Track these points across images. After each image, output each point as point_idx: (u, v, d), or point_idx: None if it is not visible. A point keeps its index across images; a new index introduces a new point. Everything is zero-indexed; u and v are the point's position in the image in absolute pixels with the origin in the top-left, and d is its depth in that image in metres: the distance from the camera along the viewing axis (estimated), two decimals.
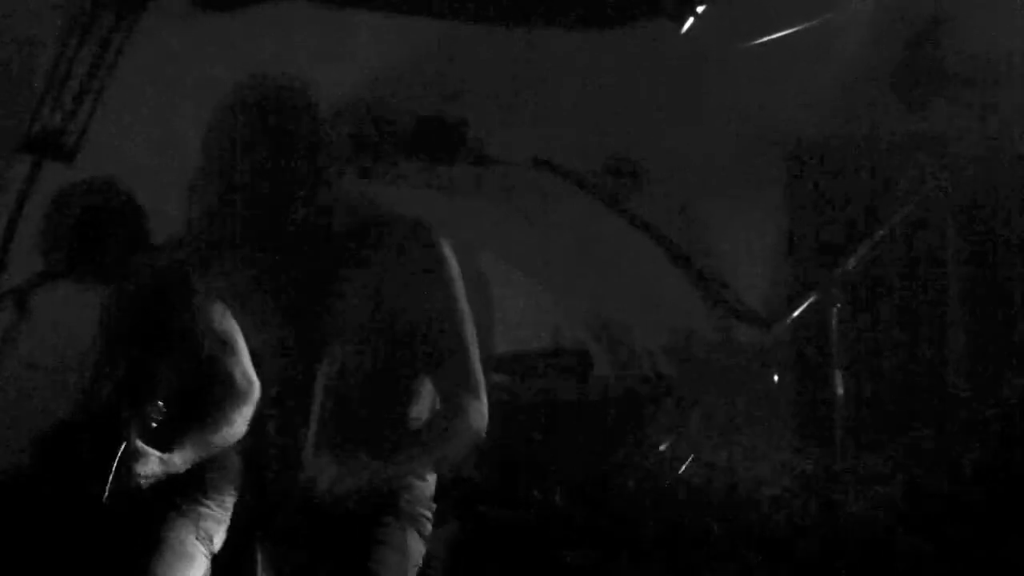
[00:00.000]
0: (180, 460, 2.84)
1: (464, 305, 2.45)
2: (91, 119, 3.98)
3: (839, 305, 3.80)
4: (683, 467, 3.99)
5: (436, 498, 2.58)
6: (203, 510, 2.94)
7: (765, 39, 4.51)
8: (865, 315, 4.62)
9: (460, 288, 2.46)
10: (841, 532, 3.47)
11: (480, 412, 2.39)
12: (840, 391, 3.68)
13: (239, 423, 2.92)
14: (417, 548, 2.49)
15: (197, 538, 2.90)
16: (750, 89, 4.67)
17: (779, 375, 4.23)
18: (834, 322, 3.79)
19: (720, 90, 4.68)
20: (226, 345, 2.95)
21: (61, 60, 3.91)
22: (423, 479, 2.51)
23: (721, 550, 3.62)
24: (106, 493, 2.75)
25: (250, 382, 2.94)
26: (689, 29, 4.44)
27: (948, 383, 4.64)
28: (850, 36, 4.61)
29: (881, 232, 3.97)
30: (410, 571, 2.47)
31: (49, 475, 3.35)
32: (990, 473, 3.60)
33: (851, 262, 3.87)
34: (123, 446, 2.77)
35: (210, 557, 2.93)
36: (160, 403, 2.83)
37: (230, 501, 3.00)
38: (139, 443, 2.78)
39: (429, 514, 2.53)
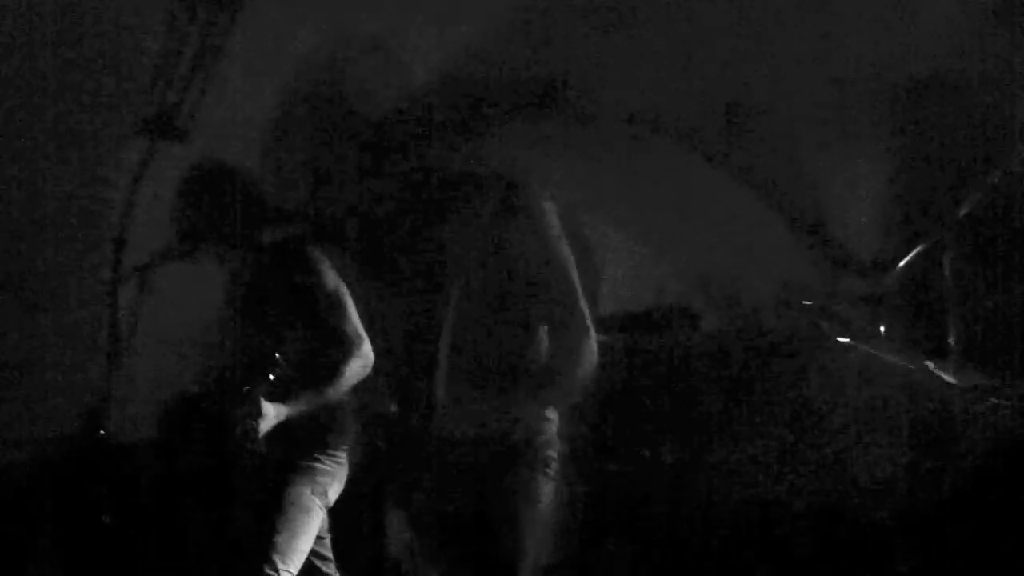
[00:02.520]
0: (295, 412, 2.96)
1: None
2: (202, 99, 4.10)
3: (952, 253, 3.71)
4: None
5: None
6: (318, 466, 3.04)
7: None
8: (979, 262, 4.48)
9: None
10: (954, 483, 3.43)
11: (592, 348, 2.65)
12: (953, 340, 3.61)
13: (349, 377, 3.04)
14: (547, 489, 2.67)
15: (313, 492, 3.00)
16: (854, 28, 4.56)
17: (889, 325, 4.16)
18: (947, 270, 3.71)
19: (824, 31, 4.58)
20: (339, 305, 3.07)
21: (171, 42, 4.02)
22: (547, 418, 2.73)
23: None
24: (230, 449, 2.86)
25: (360, 338, 3.06)
26: None
27: None
28: None
29: (995, 175, 3.86)
30: (545, 511, 2.65)
31: (175, 443, 3.51)
32: None
33: (964, 207, 3.77)
34: (243, 401, 2.88)
35: (325, 510, 3.05)
36: (278, 356, 2.94)
37: (344, 457, 3.11)
38: (260, 399, 2.89)
39: (555, 454, 2.73)
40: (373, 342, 3.09)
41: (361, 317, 3.13)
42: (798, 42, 4.59)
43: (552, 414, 2.83)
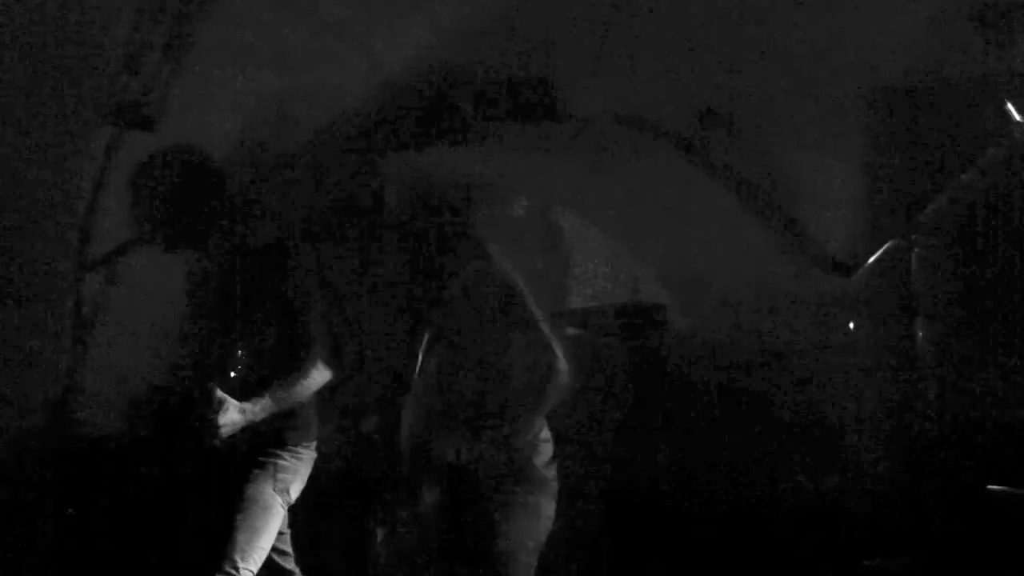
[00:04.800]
0: (259, 409, 2.92)
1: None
2: (170, 87, 4.05)
3: (917, 250, 3.72)
4: None
5: None
6: (280, 462, 3.00)
7: None
8: (947, 261, 4.50)
9: None
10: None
11: (562, 371, 2.75)
12: (921, 337, 3.61)
13: (315, 378, 3.00)
14: (548, 511, 2.68)
15: (275, 489, 2.97)
16: (829, 30, 4.56)
17: (858, 322, 4.17)
18: (914, 268, 3.72)
19: (797, 32, 4.58)
20: (309, 309, 3.04)
21: (140, 28, 3.98)
22: (547, 440, 2.70)
23: None
24: (190, 441, 2.83)
25: (327, 344, 3.02)
26: None
27: None
28: None
29: (964, 176, 3.87)
30: (542, 533, 2.65)
31: (143, 435, 3.48)
32: None
33: (932, 207, 3.78)
34: (203, 395, 2.84)
35: (287, 507, 3.02)
36: (240, 353, 2.91)
37: (306, 454, 3.08)
38: (219, 392, 2.85)
39: (554, 473, 2.75)
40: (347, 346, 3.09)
41: (336, 321, 3.10)
42: (776, 45, 4.59)
43: (546, 433, 2.85)
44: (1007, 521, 3.27)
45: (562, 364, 2.76)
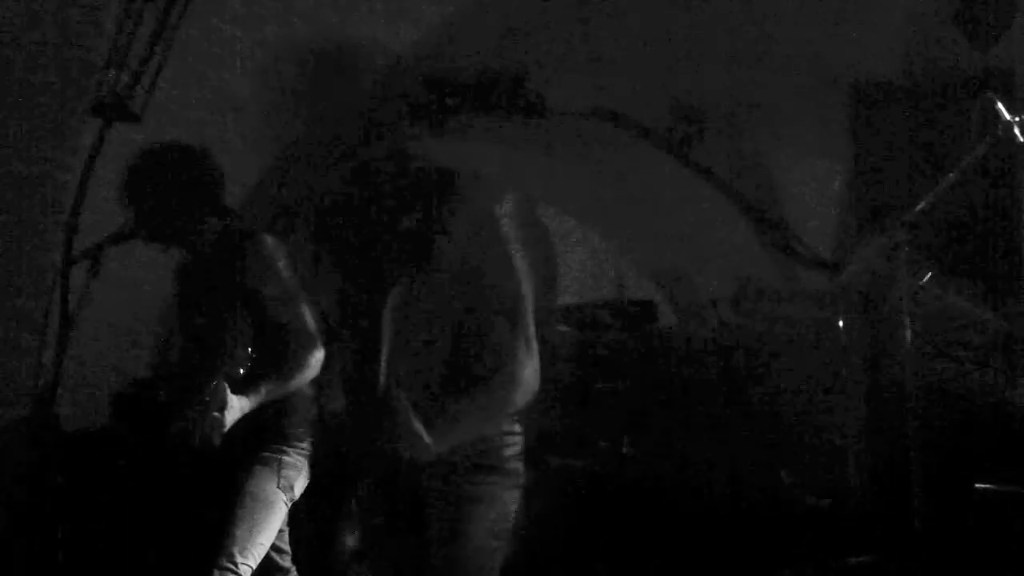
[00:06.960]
0: (253, 402, 2.89)
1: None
2: (157, 80, 4.03)
3: (907, 250, 3.72)
4: None
5: None
6: (284, 459, 2.99)
7: None
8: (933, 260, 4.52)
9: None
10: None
11: (531, 374, 2.51)
12: (908, 337, 3.61)
13: (312, 366, 2.99)
14: (512, 500, 2.58)
15: (278, 486, 2.95)
16: (812, 29, 4.58)
17: (845, 321, 4.19)
18: (902, 267, 3.72)
19: (781, 31, 4.61)
20: (292, 301, 3.01)
21: (126, 21, 3.95)
22: (515, 432, 2.57)
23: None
24: (195, 440, 2.80)
25: (312, 336, 3.03)
26: None
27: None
28: None
29: (951, 175, 3.88)
30: (506, 524, 2.56)
31: (128, 430, 3.45)
32: None
33: (919, 206, 3.78)
34: (209, 393, 2.81)
35: (290, 504, 2.99)
36: (249, 350, 2.88)
37: (310, 449, 3.06)
38: (227, 391, 2.82)
39: (522, 466, 2.62)
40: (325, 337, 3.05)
41: (315, 312, 3.08)
42: (764, 44, 4.62)
43: (518, 427, 2.71)
44: (995, 519, 3.30)
45: (526, 372, 2.53)
